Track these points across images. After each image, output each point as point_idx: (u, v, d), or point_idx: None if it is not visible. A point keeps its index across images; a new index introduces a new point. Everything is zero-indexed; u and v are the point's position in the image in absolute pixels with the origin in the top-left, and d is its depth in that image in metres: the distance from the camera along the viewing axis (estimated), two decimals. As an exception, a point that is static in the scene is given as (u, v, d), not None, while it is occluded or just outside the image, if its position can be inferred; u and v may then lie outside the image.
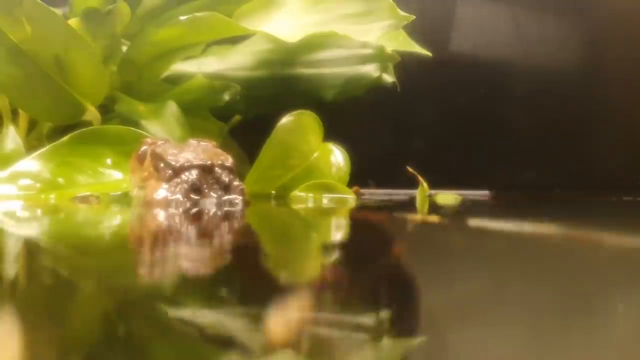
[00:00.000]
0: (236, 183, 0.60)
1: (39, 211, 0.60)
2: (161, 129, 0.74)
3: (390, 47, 0.80)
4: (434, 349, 0.19)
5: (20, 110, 0.80)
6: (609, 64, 1.09)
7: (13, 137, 0.69)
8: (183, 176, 0.58)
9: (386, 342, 0.19)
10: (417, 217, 0.67)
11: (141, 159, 0.60)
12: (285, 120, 0.74)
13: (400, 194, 0.97)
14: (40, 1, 0.67)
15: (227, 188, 0.59)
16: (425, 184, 0.81)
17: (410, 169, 0.81)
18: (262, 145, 0.80)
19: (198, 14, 0.75)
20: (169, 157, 0.58)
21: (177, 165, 0.57)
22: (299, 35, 0.69)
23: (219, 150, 0.62)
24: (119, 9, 0.75)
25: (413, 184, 0.93)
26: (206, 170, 0.58)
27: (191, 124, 0.79)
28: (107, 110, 0.79)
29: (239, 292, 0.27)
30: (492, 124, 1.08)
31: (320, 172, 0.76)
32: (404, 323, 0.22)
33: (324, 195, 0.72)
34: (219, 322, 0.22)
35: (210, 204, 0.58)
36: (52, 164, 0.65)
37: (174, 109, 0.76)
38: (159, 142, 0.61)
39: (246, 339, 0.20)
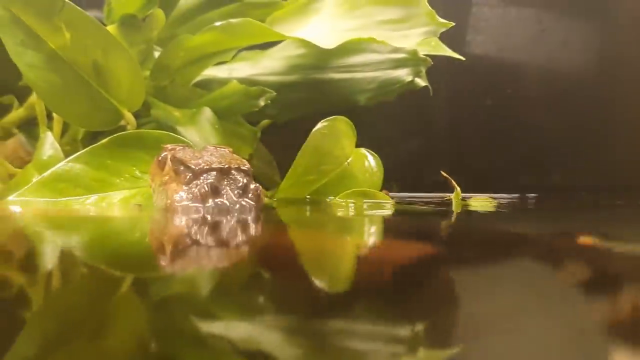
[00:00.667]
0: (253, 186, 0.61)
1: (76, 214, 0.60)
2: (197, 135, 0.75)
3: (422, 51, 0.80)
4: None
5: (54, 115, 0.80)
6: (633, 66, 1.09)
7: (51, 144, 0.70)
8: (202, 178, 0.58)
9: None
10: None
11: (162, 164, 0.61)
12: (320, 125, 0.74)
13: (425, 198, 0.97)
14: (79, 8, 0.67)
15: (244, 190, 0.60)
16: (458, 188, 0.81)
17: (444, 174, 0.80)
18: (290, 150, 0.81)
19: (233, 20, 0.75)
20: (188, 161, 0.59)
21: (197, 168, 0.59)
22: (337, 41, 0.69)
23: (236, 156, 0.63)
24: (155, 15, 0.75)
25: (438, 187, 0.93)
26: (224, 172, 0.59)
27: (225, 129, 0.79)
28: (140, 115, 0.79)
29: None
30: (517, 126, 1.08)
31: (354, 178, 0.76)
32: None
33: (363, 201, 0.72)
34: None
35: (227, 205, 0.58)
36: (90, 167, 0.66)
37: (209, 115, 0.77)
38: (179, 148, 0.62)
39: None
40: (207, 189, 0.58)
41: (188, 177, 0.58)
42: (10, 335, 0.22)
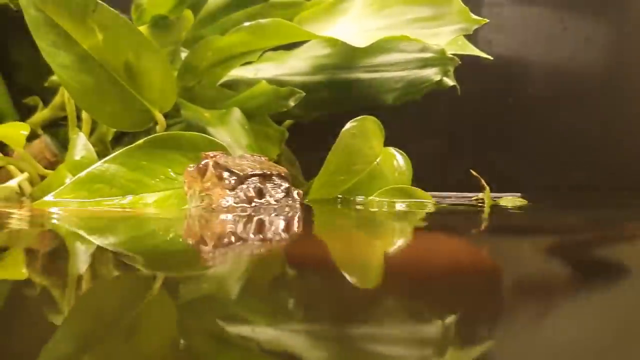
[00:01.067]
0: (293, 189, 0.64)
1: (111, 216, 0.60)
2: (227, 136, 0.75)
3: (449, 51, 0.80)
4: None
5: (83, 116, 0.81)
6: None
7: (84, 144, 0.70)
8: (246, 183, 0.60)
9: None
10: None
11: (202, 171, 0.62)
12: (349, 125, 0.74)
13: (451, 197, 0.97)
14: (113, 9, 0.67)
15: (287, 193, 0.63)
16: (487, 187, 0.81)
17: (473, 172, 0.80)
18: (313, 149, 0.82)
19: (262, 21, 0.75)
20: (232, 167, 0.61)
21: (242, 174, 0.61)
22: (369, 40, 0.69)
23: (272, 162, 0.67)
24: (185, 16, 0.76)
25: (461, 187, 0.93)
26: (266, 178, 0.63)
27: (252, 129, 0.79)
28: (168, 116, 0.79)
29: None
30: (538, 125, 1.08)
31: (383, 177, 0.76)
32: None
33: (400, 200, 0.72)
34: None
35: (274, 204, 0.61)
36: (126, 167, 0.66)
37: (238, 115, 0.77)
38: (219, 155, 0.63)
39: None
40: (252, 192, 0.60)
41: (233, 182, 0.60)
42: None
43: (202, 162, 0.62)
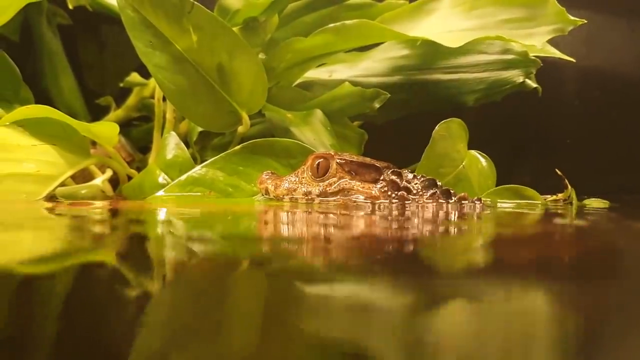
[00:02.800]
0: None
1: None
2: (311, 136, 0.75)
3: (531, 53, 0.80)
4: None
5: (167, 116, 0.81)
6: None
7: (177, 144, 0.70)
8: (385, 175, 0.65)
9: None
10: None
11: (323, 168, 0.64)
12: (438, 128, 0.74)
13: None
14: (208, 10, 0.68)
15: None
16: (570, 188, 0.80)
17: (558, 172, 0.80)
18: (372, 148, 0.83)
19: (347, 22, 0.75)
20: (368, 161, 0.66)
21: (382, 166, 0.66)
22: (462, 40, 0.69)
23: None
24: (271, 19, 0.76)
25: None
26: (396, 174, 0.66)
27: (333, 130, 0.79)
28: (250, 117, 0.80)
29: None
30: (604, 127, 1.07)
31: (468, 180, 0.76)
32: None
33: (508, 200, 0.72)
34: None
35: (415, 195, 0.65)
36: (224, 172, 0.66)
37: (320, 116, 0.77)
38: (334, 154, 0.65)
39: None
40: (400, 186, 0.64)
41: (372, 174, 0.64)
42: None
43: (318, 161, 0.64)
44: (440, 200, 0.65)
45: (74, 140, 0.68)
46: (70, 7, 0.82)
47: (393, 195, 0.64)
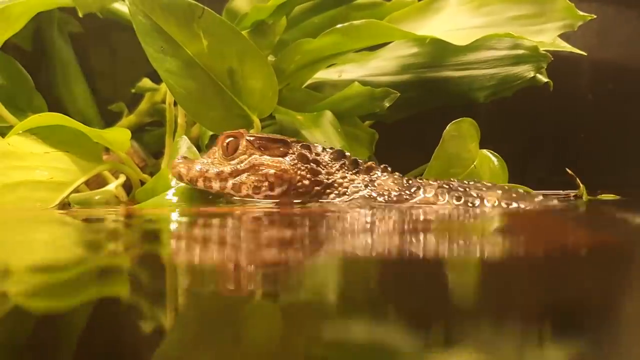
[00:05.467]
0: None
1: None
2: (321, 138, 0.75)
3: (541, 48, 0.79)
4: None
5: (179, 121, 0.82)
6: None
7: (189, 147, 0.71)
8: (299, 151, 0.65)
9: None
10: None
11: (233, 147, 0.65)
12: (449, 129, 0.73)
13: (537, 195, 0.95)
14: (219, 15, 0.68)
15: None
16: (582, 186, 0.80)
17: (569, 171, 0.79)
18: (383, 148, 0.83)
19: (356, 22, 0.75)
20: (281, 138, 0.66)
21: (291, 142, 0.66)
22: (470, 38, 0.69)
23: None
24: (279, 22, 0.76)
25: (541, 184, 0.91)
26: (305, 147, 0.66)
27: (343, 131, 0.79)
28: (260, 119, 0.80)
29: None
30: (618, 121, 1.06)
31: (479, 179, 0.76)
32: None
33: None
34: None
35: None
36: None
37: (330, 117, 0.77)
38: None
39: None
40: (308, 154, 0.64)
41: (281, 149, 0.64)
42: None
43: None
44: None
45: (86, 146, 0.69)
46: (81, 14, 0.82)
47: (303, 168, 0.63)
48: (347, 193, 0.65)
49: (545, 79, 0.80)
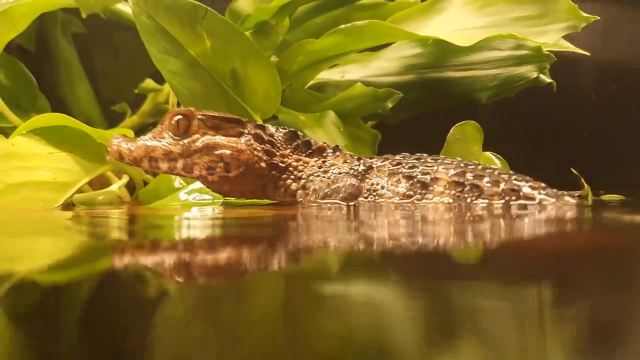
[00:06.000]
0: None
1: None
2: (325, 137, 0.75)
3: (545, 48, 0.79)
4: None
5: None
6: None
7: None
8: (254, 131, 0.64)
9: None
10: None
11: (183, 127, 0.62)
12: (453, 132, 0.73)
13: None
14: (222, 16, 0.68)
15: None
16: (587, 186, 0.80)
17: (574, 171, 0.79)
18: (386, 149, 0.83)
19: (358, 23, 0.75)
20: (235, 117, 0.64)
21: (245, 121, 0.64)
22: (474, 39, 0.69)
23: None
24: (282, 22, 0.76)
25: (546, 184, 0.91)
26: (259, 127, 0.65)
27: (347, 131, 0.79)
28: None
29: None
30: (621, 121, 1.06)
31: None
32: None
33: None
34: None
35: None
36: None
37: (333, 118, 0.77)
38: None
39: None
40: (262, 134, 0.63)
41: (236, 129, 0.62)
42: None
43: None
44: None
45: (90, 147, 0.69)
46: (84, 15, 0.83)
47: (259, 149, 0.62)
48: (302, 177, 0.64)
49: (548, 80, 0.80)
